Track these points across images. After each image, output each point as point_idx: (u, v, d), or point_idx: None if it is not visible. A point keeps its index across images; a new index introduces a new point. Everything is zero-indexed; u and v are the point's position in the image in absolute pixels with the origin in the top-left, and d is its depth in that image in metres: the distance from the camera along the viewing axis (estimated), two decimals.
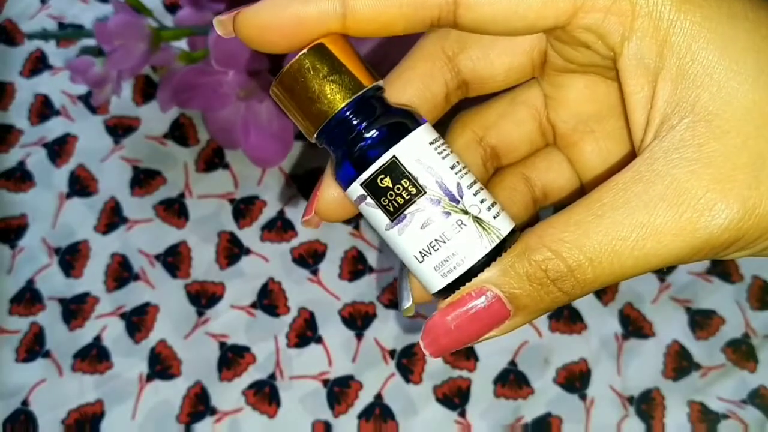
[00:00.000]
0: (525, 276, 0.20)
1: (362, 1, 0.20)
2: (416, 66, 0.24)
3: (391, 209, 0.21)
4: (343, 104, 0.21)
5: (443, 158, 0.21)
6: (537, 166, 0.26)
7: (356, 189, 0.21)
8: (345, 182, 0.21)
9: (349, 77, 0.21)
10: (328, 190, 0.23)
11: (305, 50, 0.21)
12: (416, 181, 0.20)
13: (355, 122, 0.21)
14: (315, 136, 0.22)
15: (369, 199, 0.21)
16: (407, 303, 0.24)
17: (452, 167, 0.21)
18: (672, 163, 0.19)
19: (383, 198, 0.21)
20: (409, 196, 0.21)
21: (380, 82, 0.22)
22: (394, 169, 0.20)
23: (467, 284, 0.21)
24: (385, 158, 0.20)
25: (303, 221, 0.24)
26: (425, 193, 0.20)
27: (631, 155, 0.21)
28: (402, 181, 0.20)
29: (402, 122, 0.21)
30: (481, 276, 0.21)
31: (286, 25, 0.20)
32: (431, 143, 0.21)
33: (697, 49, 0.19)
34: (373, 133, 0.21)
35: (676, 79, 0.20)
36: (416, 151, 0.21)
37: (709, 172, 0.19)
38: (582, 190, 0.26)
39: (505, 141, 0.26)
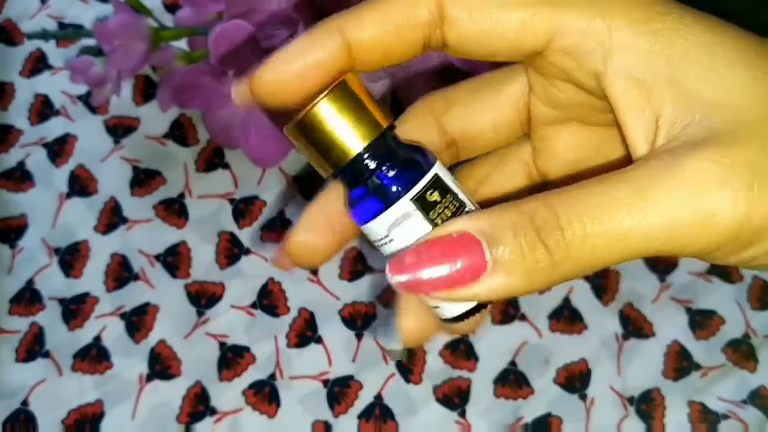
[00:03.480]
0: (510, 226, 0.19)
1: (361, 29, 0.21)
2: (404, 127, 0.24)
3: (440, 222, 0.21)
4: (364, 146, 0.21)
5: (459, 185, 0.22)
6: None
7: (400, 208, 0.21)
8: (369, 215, 0.22)
9: (367, 117, 0.21)
10: (302, 235, 0.23)
11: (327, 92, 0.21)
12: (458, 195, 0.22)
13: (374, 163, 0.21)
14: (333, 175, 0.22)
15: (418, 214, 0.21)
16: (396, 345, 0.24)
17: (465, 193, 0.22)
18: (677, 154, 0.18)
19: (432, 211, 0.21)
20: (455, 209, 0.21)
21: (393, 121, 0.22)
22: (439, 184, 0.21)
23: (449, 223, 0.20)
24: (430, 175, 0.21)
25: (273, 262, 0.25)
26: (466, 206, 0.21)
27: None
28: (447, 195, 0.21)
29: (418, 160, 0.22)
30: (465, 221, 0.20)
31: (301, 75, 0.21)
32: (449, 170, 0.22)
33: (686, 50, 0.19)
34: (395, 172, 0.21)
35: (671, 83, 0.19)
36: (446, 173, 0.22)
37: (716, 159, 0.18)
38: None
39: (497, 195, 0.26)
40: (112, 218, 0.47)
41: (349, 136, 0.21)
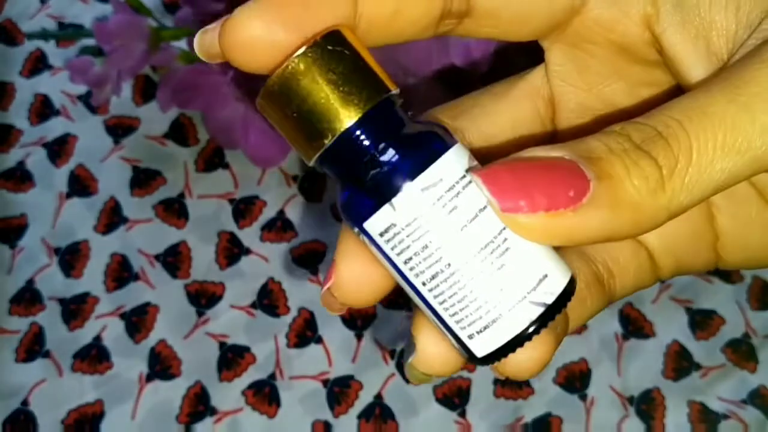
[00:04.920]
0: (603, 145, 0.16)
1: None
2: None
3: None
4: (359, 116, 0.16)
5: None
6: None
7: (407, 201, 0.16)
8: (366, 213, 0.17)
9: (365, 80, 0.16)
10: (350, 265, 0.18)
11: (311, 44, 0.16)
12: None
13: (373, 139, 0.16)
14: (318, 160, 0.17)
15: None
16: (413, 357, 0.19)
17: None
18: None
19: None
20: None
21: (398, 91, 0.17)
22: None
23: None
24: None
25: (323, 305, 0.19)
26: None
27: None
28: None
29: (432, 138, 0.17)
30: (544, 150, 0.16)
31: (292, 27, 0.16)
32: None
33: None
34: (400, 153, 0.16)
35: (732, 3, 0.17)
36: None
37: None
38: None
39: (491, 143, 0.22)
40: (112, 218, 0.47)
41: (340, 103, 0.16)
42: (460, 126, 0.21)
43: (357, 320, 0.44)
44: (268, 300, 0.45)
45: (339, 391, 0.42)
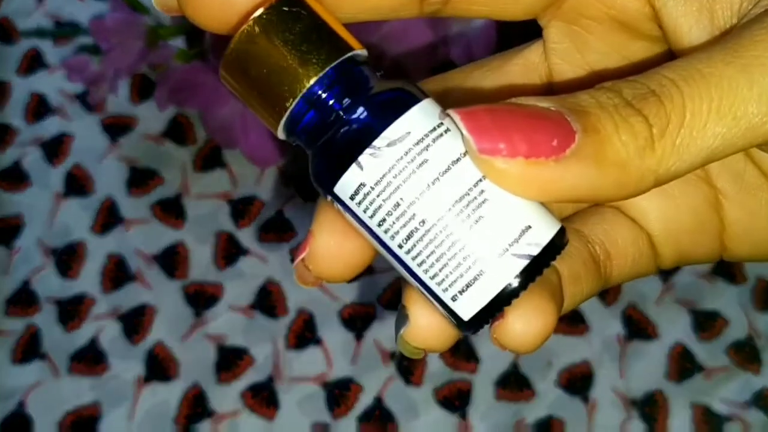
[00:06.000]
0: (592, 99, 0.15)
1: None
2: None
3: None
4: (319, 75, 0.15)
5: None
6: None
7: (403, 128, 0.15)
8: (334, 175, 0.16)
9: (327, 39, 0.16)
10: (326, 237, 0.18)
11: (265, 6, 0.15)
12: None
13: (337, 98, 0.16)
14: (286, 129, 0.16)
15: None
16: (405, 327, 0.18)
17: None
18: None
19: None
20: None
21: (364, 51, 0.16)
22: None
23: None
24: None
25: (296, 277, 0.19)
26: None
27: None
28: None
29: (400, 97, 0.16)
30: (533, 100, 0.15)
31: None
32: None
33: None
34: (367, 112, 0.16)
35: None
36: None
37: None
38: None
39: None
40: (108, 218, 0.46)
41: (299, 63, 0.15)
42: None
43: (356, 321, 0.44)
44: (267, 301, 0.44)
45: (338, 393, 0.42)
